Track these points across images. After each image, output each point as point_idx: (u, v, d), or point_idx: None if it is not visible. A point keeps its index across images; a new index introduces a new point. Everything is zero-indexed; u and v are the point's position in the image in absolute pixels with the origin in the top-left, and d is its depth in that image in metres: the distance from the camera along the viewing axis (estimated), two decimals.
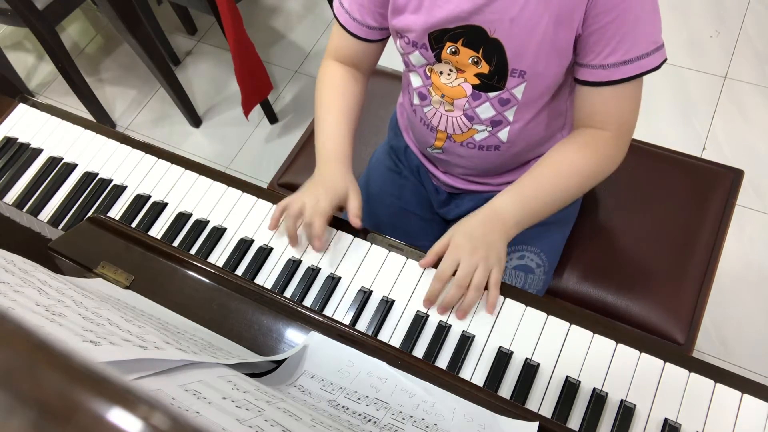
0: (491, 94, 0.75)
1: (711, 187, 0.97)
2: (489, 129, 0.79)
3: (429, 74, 0.78)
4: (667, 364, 0.62)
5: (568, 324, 0.66)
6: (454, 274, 0.68)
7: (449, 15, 0.70)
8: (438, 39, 0.73)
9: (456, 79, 0.76)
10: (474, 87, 0.75)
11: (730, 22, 1.83)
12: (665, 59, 0.70)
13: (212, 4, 1.50)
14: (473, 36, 0.70)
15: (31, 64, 2.23)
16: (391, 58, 0.88)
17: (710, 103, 1.70)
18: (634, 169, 1.01)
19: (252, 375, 0.50)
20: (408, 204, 0.99)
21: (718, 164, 1.00)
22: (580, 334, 0.65)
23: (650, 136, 1.08)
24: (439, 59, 0.75)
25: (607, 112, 0.73)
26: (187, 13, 2.13)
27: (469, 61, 0.73)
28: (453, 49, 0.73)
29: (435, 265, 0.71)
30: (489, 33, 0.69)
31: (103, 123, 1.89)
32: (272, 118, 1.90)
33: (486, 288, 0.68)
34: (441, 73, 0.77)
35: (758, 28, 1.81)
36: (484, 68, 0.73)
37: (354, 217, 0.75)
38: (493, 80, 0.73)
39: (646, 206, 0.97)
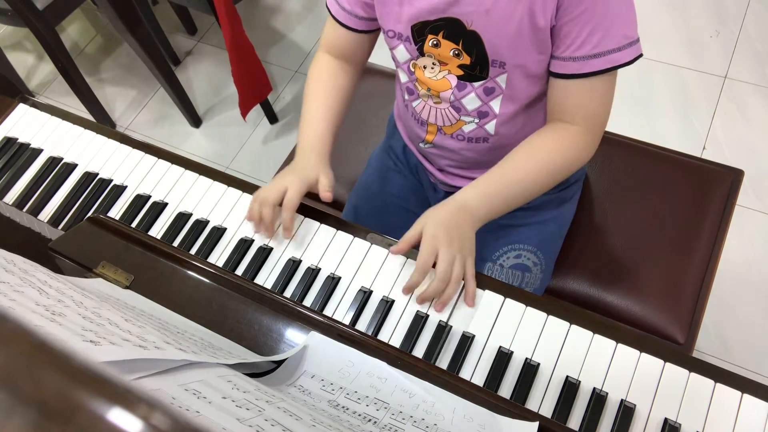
0: (476, 84, 0.76)
1: (711, 187, 0.97)
2: (476, 120, 0.80)
3: (413, 70, 0.79)
4: (667, 364, 0.62)
5: (568, 324, 0.66)
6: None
7: (428, 6, 0.71)
8: (420, 32, 0.74)
9: (440, 72, 0.76)
10: (458, 78, 0.76)
11: (730, 22, 1.83)
12: (640, 55, 0.70)
13: (212, 4, 1.50)
14: (452, 28, 0.71)
15: (31, 64, 2.23)
16: (390, 58, 0.89)
17: (710, 103, 1.70)
18: (634, 169, 1.01)
19: (252, 375, 0.50)
20: (407, 203, 0.99)
21: (718, 164, 1.00)
22: (580, 334, 0.65)
23: (650, 136, 1.08)
24: (422, 52, 0.76)
25: (577, 105, 0.73)
26: (187, 13, 2.13)
27: (451, 53, 0.74)
28: (434, 42, 0.74)
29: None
30: (467, 25, 0.70)
31: (103, 123, 1.89)
32: (272, 118, 1.90)
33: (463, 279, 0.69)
34: (425, 67, 0.77)
35: (758, 29, 1.81)
36: (466, 60, 0.74)
37: (324, 191, 0.76)
38: (475, 70, 0.74)
39: (646, 206, 0.97)
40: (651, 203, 0.97)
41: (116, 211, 0.83)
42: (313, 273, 0.72)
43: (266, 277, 0.74)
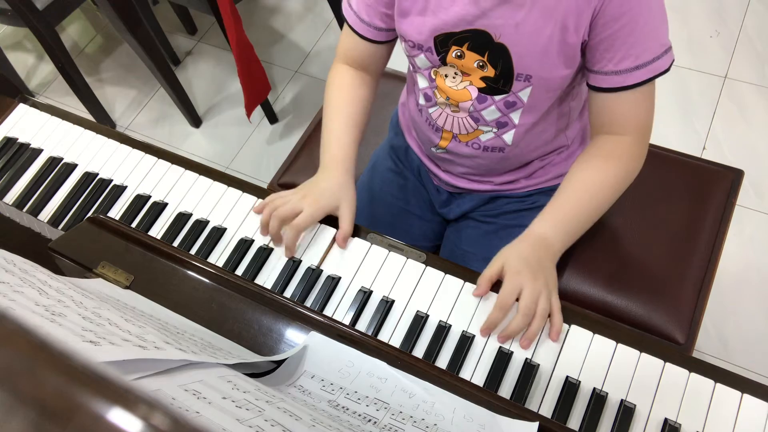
0: (497, 97, 0.75)
1: (711, 187, 0.97)
2: (494, 130, 0.79)
3: (434, 77, 0.78)
4: (667, 364, 0.62)
5: (568, 324, 0.66)
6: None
7: (454, 18, 0.70)
8: (443, 43, 0.73)
9: (461, 82, 0.75)
10: (480, 90, 0.75)
11: (730, 22, 1.83)
12: (674, 60, 0.70)
13: (212, 4, 1.50)
14: (478, 40, 0.70)
15: (31, 64, 2.23)
16: (392, 57, 0.88)
17: (710, 103, 1.70)
18: None
19: (252, 375, 0.50)
20: (408, 204, 0.99)
21: (718, 164, 1.00)
22: (580, 334, 0.65)
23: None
24: (444, 62, 0.75)
25: (625, 116, 0.73)
26: (187, 13, 2.13)
27: (475, 65, 0.73)
28: (458, 53, 0.73)
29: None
30: (494, 38, 0.69)
31: (103, 123, 1.89)
32: (272, 118, 1.90)
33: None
34: (446, 76, 0.76)
35: (758, 29, 1.81)
36: (490, 72, 0.72)
37: (341, 239, 0.74)
38: (498, 84, 0.73)
39: (646, 206, 0.97)
40: (651, 203, 0.97)
41: (116, 211, 0.83)
42: (313, 273, 0.72)
43: (266, 278, 0.74)
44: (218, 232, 0.78)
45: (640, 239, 0.94)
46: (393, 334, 0.68)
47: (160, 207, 0.81)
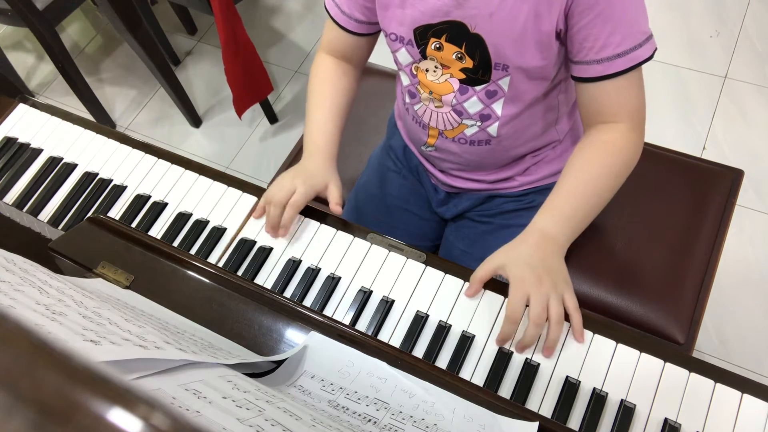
0: (478, 88, 0.76)
1: (711, 187, 0.97)
2: (478, 124, 0.80)
3: (415, 72, 0.79)
4: (667, 364, 0.62)
5: (568, 324, 0.66)
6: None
7: (431, 10, 0.71)
8: (422, 35, 0.74)
9: (442, 75, 0.76)
10: (460, 81, 0.76)
11: (730, 22, 1.83)
12: (656, 48, 0.70)
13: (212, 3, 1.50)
14: (455, 31, 0.71)
15: (31, 64, 2.23)
16: (390, 57, 0.89)
17: (710, 103, 1.70)
18: (634, 169, 1.01)
19: (252, 375, 0.50)
20: (407, 203, 0.99)
21: (718, 164, 1.00)
22: None
23: (650, 136, 1.08)
24: (424, 56, 0.76)
25: (614, 105, 0.73)
26: (187, 13, 2.13)
27: (453, 56, 0.73)
28: (437, 45, 0.74)
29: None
30: (470, 28, 0.70)
31: (103, 123, 1.89)
32: (272, 117, 1.90)
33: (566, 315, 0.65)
34: (427, 70, 0.77)
35: (758, 28, 1.81)
36: (468, 63, 0.73)
37: (334, 204, 0.77)
38: (478, 74, 0.74)
39: (646, 206, 0.97)
40: (651, 203, 0.97)
41: (116, 211, 0.83)
42: (313, 273, 0.72)
43: (266, 277, 0.74)
44: (218, 232, 0.78)
45: (640, 239, 0.94)
46: (393, 334, 0.68)
47: (160, 207, 0.81)
